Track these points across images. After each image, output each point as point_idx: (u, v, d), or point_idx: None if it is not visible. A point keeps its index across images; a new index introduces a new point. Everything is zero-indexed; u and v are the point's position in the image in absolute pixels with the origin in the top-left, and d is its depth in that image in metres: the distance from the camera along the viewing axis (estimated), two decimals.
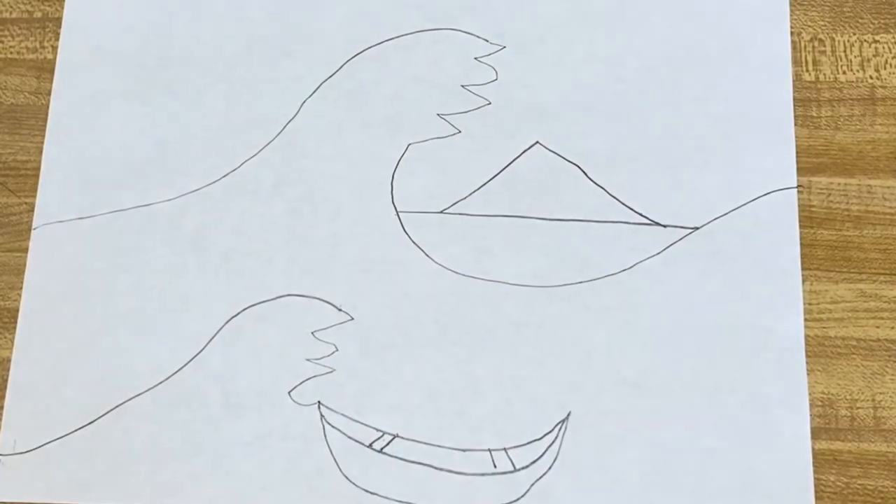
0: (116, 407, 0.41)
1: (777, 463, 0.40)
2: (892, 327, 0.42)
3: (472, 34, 0.45)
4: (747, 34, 0.45)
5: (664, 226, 0.42)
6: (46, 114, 0.45)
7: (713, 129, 0.44)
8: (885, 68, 0.45)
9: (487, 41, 0.45)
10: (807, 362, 0.41)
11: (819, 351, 0.42)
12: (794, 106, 0.44)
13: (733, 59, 0.44)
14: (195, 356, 0.41)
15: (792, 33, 0.45)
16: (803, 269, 0.42)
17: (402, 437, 0.41)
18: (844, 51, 0.45)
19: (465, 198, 0.43)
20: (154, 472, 0.40)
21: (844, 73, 0.45)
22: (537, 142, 0.44)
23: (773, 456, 0.40)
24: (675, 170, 0.43)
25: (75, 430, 0.41)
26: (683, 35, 0.45)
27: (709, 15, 0.45)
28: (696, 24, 0.45)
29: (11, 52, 0.46)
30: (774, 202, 0.43)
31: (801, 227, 0.43)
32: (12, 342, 0.42)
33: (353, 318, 0.42)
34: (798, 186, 0.43)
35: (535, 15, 0.45)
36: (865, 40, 0.45)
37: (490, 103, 0.44)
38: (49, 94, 0.45)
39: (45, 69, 0.45)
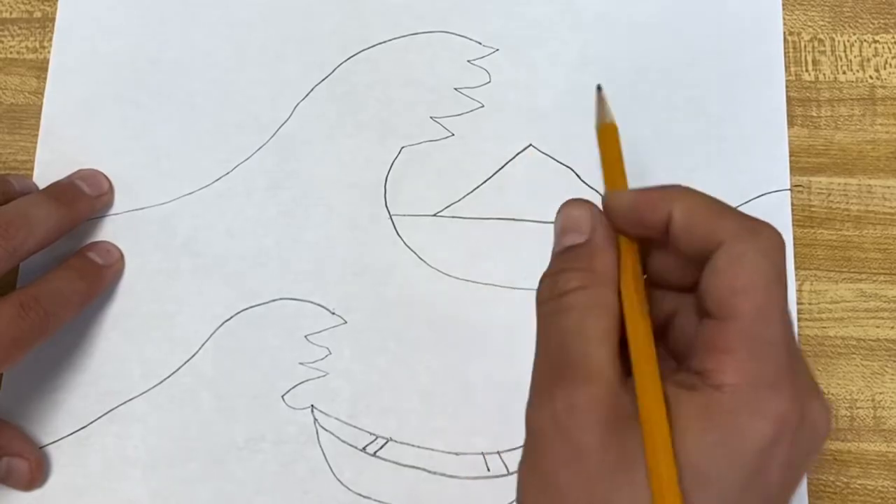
0: (109, 411, 0.41)
1: None
2: (892, 327, 0.41)
3: (464, 37, 0.45)
4: (740, 36, 0.44)
5: None
6: None
7: (706, 132, 0.43)
8: (885, 68, 0.44)
9: (480, 44, 0.44)
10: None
11: (819, 351, 0.41)
12: (795, 106, 0.44)
13: (726, 61, 0.44)
14: (188, 360, 0.41)
15: (792, 33, 0.45)
16: (803, 269, 0.42)
17: (396, 441, 0.40)
18: (844, 51, 0.45)
19: (458, 200, 0.43)
20: (147, 477, 0.40)
21: (844, 73, 0.44)
22: (530, 144, 0.43)
23: None
24: (668, 172, 0.43)
25: (68, 435, 0.41)
26: (676, 37, 0.44)
27: (701, 17, 0.45)
28: (688, 26, 0.44)
29: (11, 52, 0.46)
30: (768, 204, 0.42)
31: (800, 227, 0.42)
32: None
33: (346, 322, 0.42)
34: (791, 188, 0.43)
35: (528, 17, 0.45)
36: (865, 40, 0.45)
37: (483, 106, 0.44)
38: None
39: (45, 69, 0.45)
